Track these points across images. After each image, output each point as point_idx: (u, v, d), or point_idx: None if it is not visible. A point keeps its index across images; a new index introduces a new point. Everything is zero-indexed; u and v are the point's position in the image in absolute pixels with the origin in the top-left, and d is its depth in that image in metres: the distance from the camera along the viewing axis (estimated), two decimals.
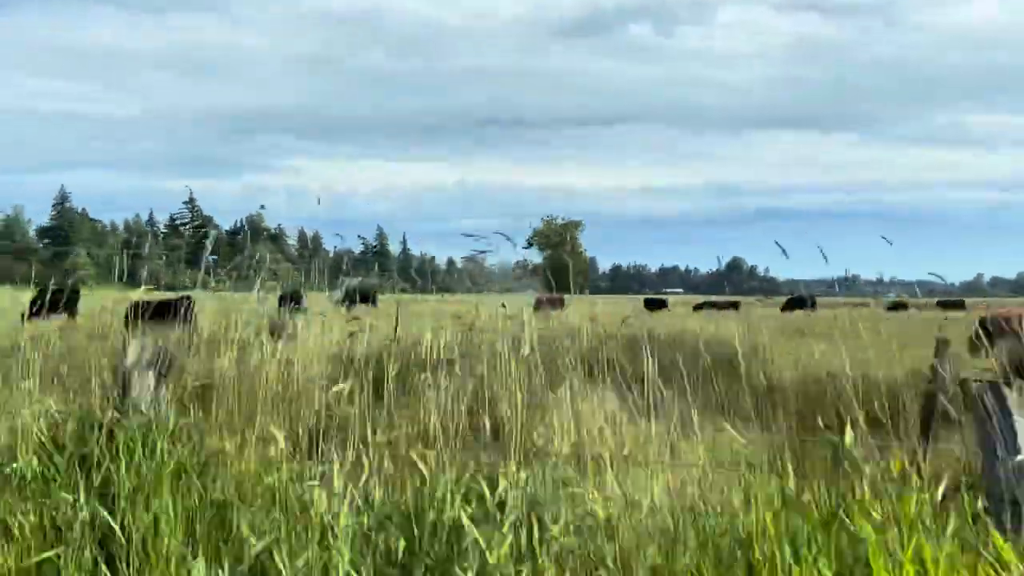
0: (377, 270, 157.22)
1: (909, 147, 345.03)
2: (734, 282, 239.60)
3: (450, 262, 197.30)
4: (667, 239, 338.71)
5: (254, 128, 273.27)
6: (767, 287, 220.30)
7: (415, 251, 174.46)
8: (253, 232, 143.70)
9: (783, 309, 47.50)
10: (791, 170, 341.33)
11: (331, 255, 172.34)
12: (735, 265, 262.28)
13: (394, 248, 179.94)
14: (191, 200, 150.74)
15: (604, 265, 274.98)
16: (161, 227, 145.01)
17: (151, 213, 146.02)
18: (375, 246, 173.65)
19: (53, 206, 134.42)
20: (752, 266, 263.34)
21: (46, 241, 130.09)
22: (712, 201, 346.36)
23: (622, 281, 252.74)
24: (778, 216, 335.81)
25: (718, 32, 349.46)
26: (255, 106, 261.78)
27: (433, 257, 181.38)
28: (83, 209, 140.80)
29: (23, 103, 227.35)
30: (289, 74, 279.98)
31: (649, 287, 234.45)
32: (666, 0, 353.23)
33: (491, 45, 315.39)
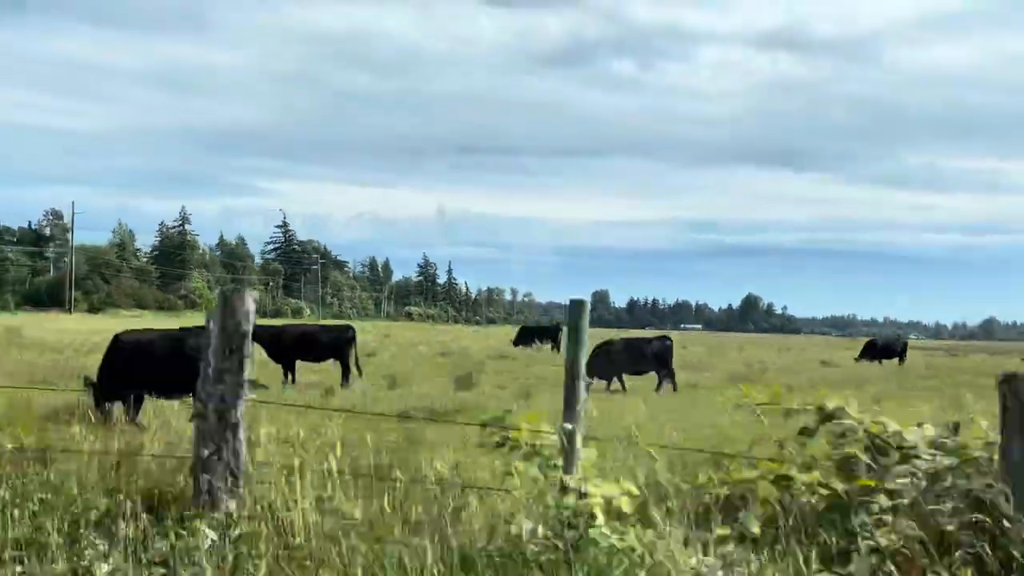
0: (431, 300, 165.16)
1: (882, 187, 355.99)
2: (753, 320, 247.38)
3: (490, 291, 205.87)
4: (645, 271, 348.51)
5: (234, 147, 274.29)
6: (787, 325, 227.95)
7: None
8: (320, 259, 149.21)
9: (860, 357, 38.48)
10: (766, 206, 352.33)
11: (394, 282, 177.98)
12: (751, 302, 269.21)
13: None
14: (284, 224, 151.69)
15: (618, 299, 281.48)
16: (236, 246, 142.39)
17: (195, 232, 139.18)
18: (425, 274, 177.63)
19: (172, 227, 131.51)
20: (768, 304, 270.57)
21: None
22: (689, 235, 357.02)
23: (638, 315, 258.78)
24: (754, 252, 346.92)
25: (698, 69, 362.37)
26: (235, 125, 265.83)
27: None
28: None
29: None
30: (270, 93, 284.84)
31: (668, 322, 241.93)
32: (648, 36, 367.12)
33: (474, 71, 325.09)
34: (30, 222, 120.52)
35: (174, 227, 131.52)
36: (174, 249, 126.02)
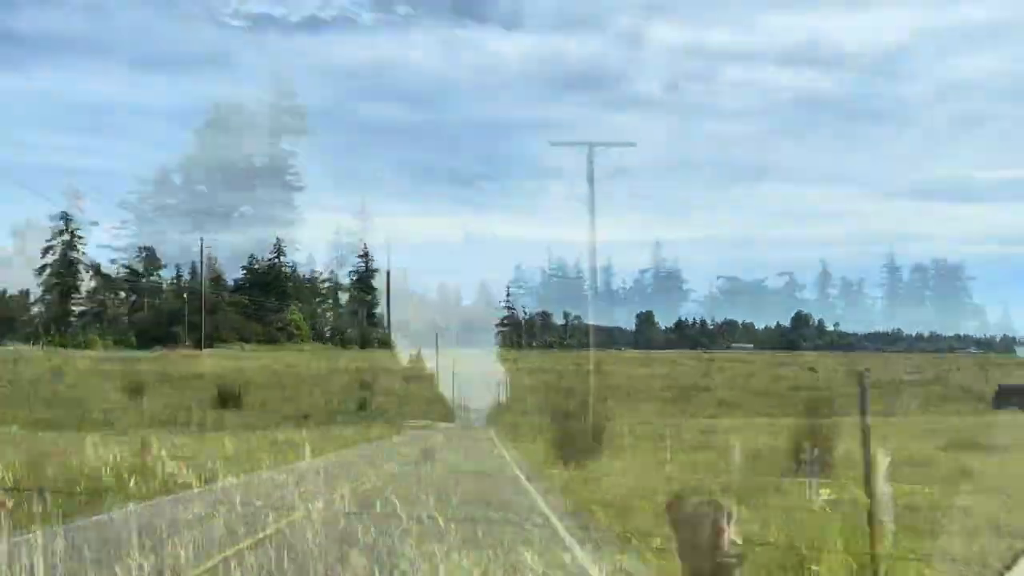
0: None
1: (913, 200, 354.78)
2: (806, 338, 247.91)
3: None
4: (674, 292, 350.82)
5: (262, 180, 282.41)
6: (842, 343, 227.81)
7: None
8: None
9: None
10: (796, 223, 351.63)
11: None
12: (801, 319, 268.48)
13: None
14: (365, 254, 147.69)
15: (665, 320, 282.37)
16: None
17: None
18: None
19: (268, 258, 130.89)
20: (819, 320, 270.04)
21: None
22: (719, 254, 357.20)
23: (688, 336, 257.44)
24: (788, 269, 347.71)
25: (723, 88, 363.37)
26: (263, 157, 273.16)
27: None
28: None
29: (28, 156, 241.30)
30: (296, 126, 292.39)
31: (720, 344, 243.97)
32: (672, 55, 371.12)
33: (496, 98, 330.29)
34: (122, 259, 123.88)
35: (270, 259, 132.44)
36: (270, 280, 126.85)
